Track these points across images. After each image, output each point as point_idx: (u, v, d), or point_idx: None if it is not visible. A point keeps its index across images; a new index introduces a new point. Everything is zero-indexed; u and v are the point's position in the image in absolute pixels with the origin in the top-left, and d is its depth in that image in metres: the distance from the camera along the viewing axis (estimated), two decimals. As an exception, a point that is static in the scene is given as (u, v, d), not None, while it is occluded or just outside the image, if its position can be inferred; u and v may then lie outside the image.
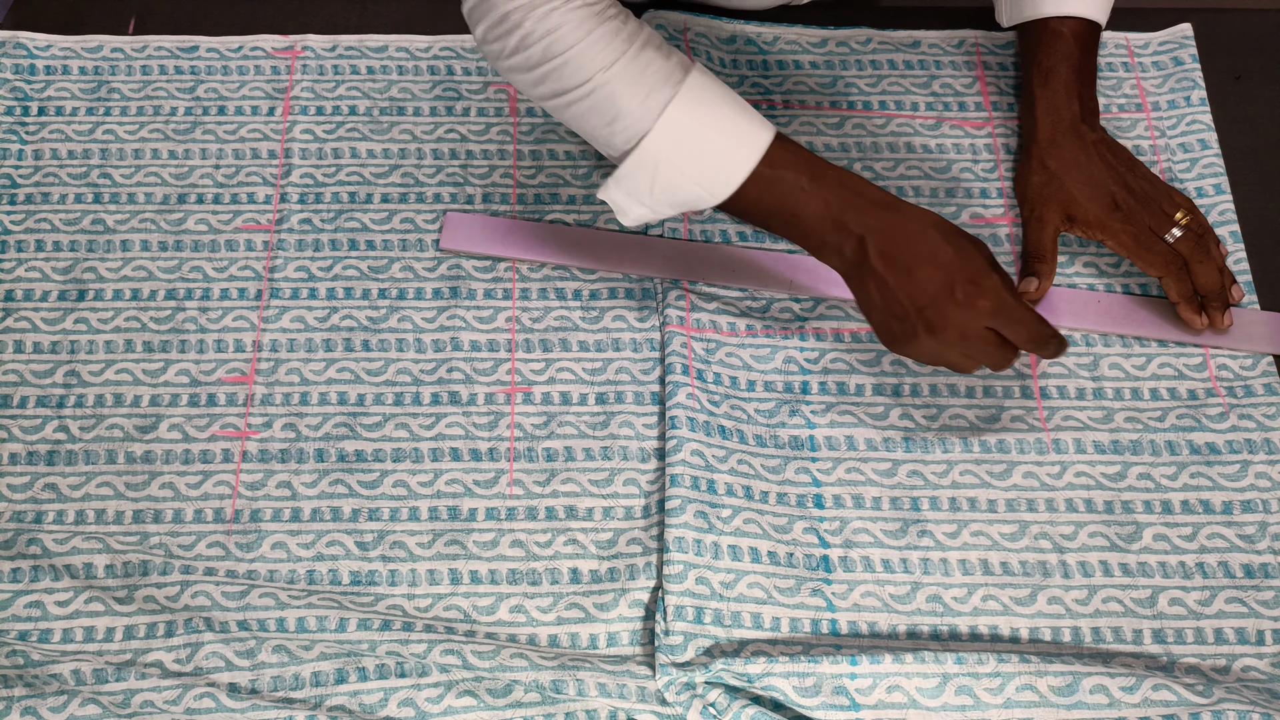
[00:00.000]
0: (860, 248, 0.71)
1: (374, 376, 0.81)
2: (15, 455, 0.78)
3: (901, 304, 0.70)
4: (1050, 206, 0.83)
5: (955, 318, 0.69)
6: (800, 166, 0.71)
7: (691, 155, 0.71)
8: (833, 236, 0.71)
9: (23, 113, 0.91)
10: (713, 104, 0.71)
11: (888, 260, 0.70)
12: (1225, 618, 0.73)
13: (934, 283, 0.69)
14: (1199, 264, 0.80)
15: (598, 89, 0.69)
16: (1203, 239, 0.81)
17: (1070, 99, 0.84)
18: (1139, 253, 0.80)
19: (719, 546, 0.73)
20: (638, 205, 0.73)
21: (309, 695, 0.70)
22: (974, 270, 0.70)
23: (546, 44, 0.69)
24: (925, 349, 0.71)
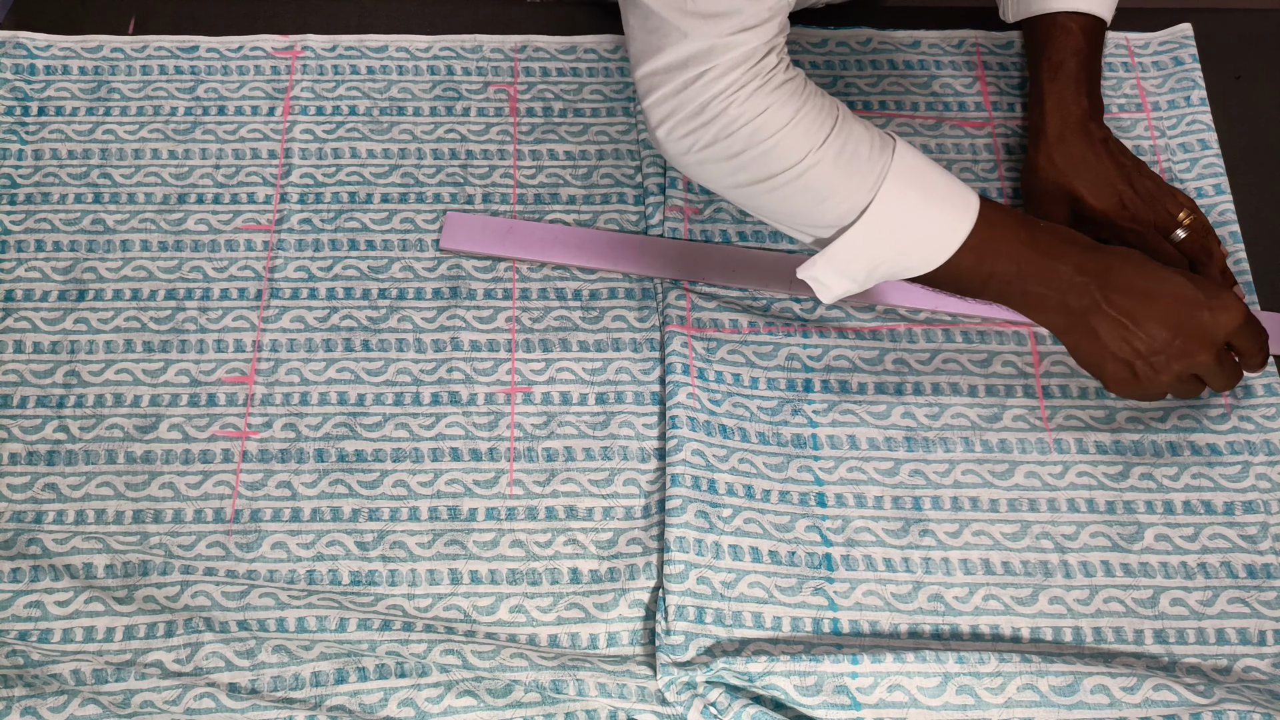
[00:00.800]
0: (1089, 294, 0.70)
1: (374, 376, 0.81)
2: (15, 455, 0.78)
3: (1147, 341, 0.70)
4: (1056, 203, 0.83)
5: (1209, 337, 0.69)
6: (1014, 224, 0.70)
7: (911, 225, 0.68)
8: (1055, 290, 0.70)
9: (23, 113, 0.91)
10: (926, 172, 0.69)
11: (1123, 301, 0.69)
12: (1227, 618, 0.73)
13: (1178, 310, 0.69)
14: (1202, 265, 0.80)
15: (810, 169, 0.66)
16: (1206, 239, 0.81)
17: (1079, 95, 0.84)
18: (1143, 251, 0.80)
19: (720, 546, 0.73)
20: (846, 281, 0.71)
21: (309, 695, 0.69)
22: (1210, 288, 0.70)
23: (752, 129, 0.65)
24: (1171, 381, 0.70)
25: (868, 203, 0.67)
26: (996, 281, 0.71)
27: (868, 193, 0.67)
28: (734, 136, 0.66)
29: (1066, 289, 0.70)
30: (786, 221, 0.70)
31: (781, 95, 0.66)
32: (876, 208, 0.67)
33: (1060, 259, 0.70)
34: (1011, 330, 0.82)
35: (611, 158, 0.90)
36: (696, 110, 0.66)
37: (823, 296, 0.72)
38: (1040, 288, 0.70)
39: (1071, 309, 0.71)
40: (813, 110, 0.66)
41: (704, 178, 0.70)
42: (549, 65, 0.94)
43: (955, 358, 0.81)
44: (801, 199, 0.68)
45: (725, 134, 0.66)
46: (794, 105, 0.66)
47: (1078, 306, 0.70)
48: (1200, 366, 0.70)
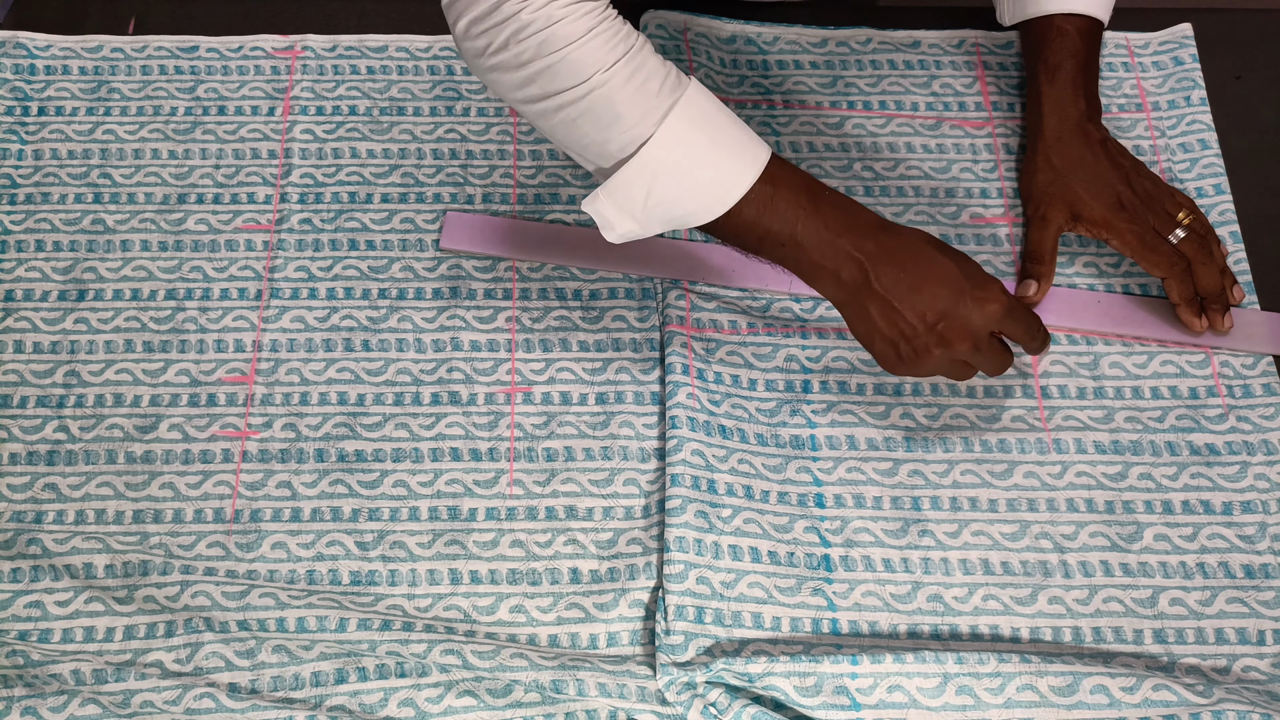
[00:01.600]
0: (860, 271, 0.69)
1: (374, 376, 0.81)
2: (15, 455, 0.78)
3: (910, 323, 0.69)
4: (1055, 205, 0.83)
5: (969, 326, 0.69)
6: (799, 186, 0.69)
7: (692, 167, 0.67)
8: (830, 261, 0.69)
9: (23, 113, 0.91)
10: (715, 116, 0.68)
11: (891, 281, 0.69)
12: (1226, 618, 0.73)
13: (942, 297, 0.69)
14: (1201, 265, 0.80)
15: (595, 90, 0.65)
16: (1205, 240, 0.81)
17: (1076, 97, 0.84)
18: (1143, 253, 0.80)
19: (719, 546, 0.73)
20: (628, 219, 0.69)
21: (309, 695, 0.70)
22: (977, 278, 0.70)
23: (542, 39, 0.64)
24: (934, 364, 0.70)
25: (649, 135, 0.66)
26: (773, 243, 0.70)
27: (651, 125, 0.66)
28: (524, 43, 0.64)
29: (842, 262, 0.69)
30: (575, 149, 0.69)
31: (577, 10, 0.64)
32: (658, 141, 0.66)
33: (839, 231, 0.69)
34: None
35: (611, 158, 0.90)
36: (488, 10, 0.64)
37: (607, 235, 0.70)
38: (816, 257, 0.69)
39: (844, 283, 0.70)
40: (608, 32, 0.65)
41: (498, 87, 0.68)
42: (549, 65, 0.94)
43: (955, 358, 0.81)
44: (586, 123, 0.66)
45: (516, 39, 0.64)
46: (589, 22, 0.64)
47: (850, 281, 0.69)
48: (961, 354, 0.70)
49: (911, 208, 0.88)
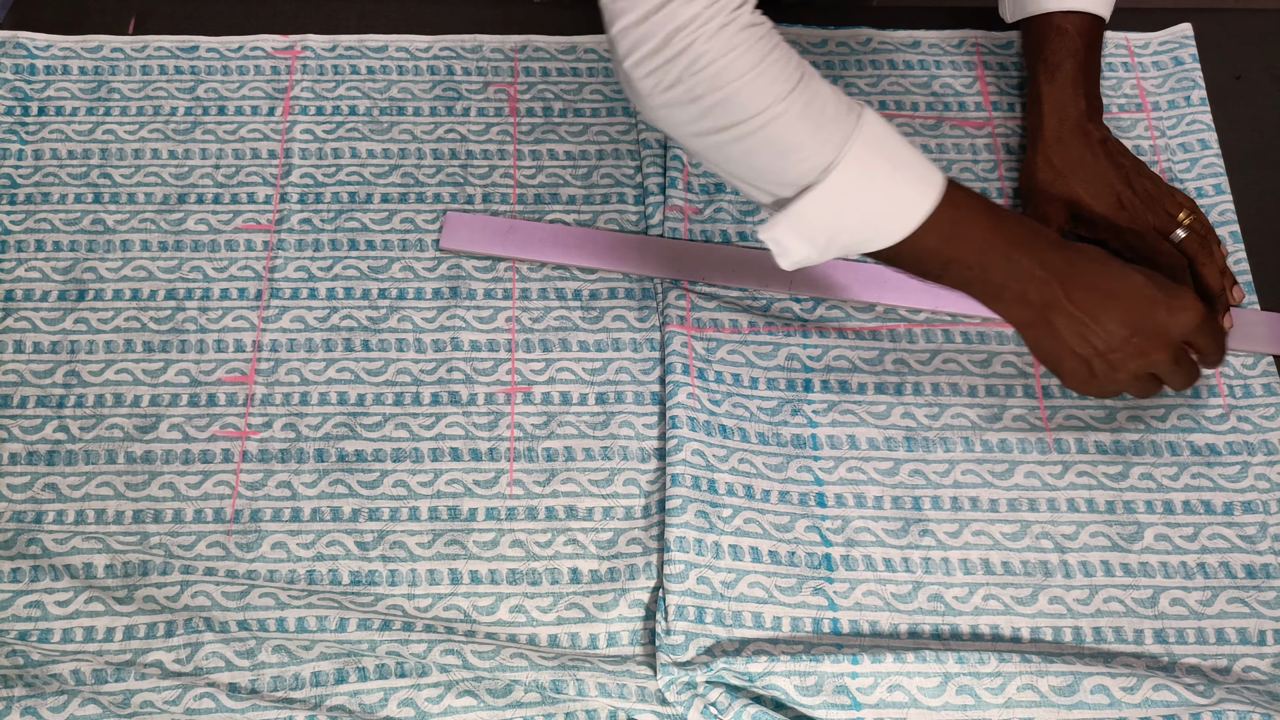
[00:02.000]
0: (1049, 289, 0.68)
1: (374, 376, 0.81)
2: (15, 455, 0.78)
3: (1104, 338, 0.68)
4: (1055, 204, 0.83)
5: (1166, 336, 0.69)
6: (979, 208, 0.69)
7: (875, 192, 0.66)
8: (1016, 281, 0.69)
9: (23, 113, 0.91)
10: (893, 141, 0.67)
11: (1083, 296, 0.68)
12: (1226, 618, 0.73)
13: (1137, 309, 0.68)
14: (1202, 265, 0.80)
15: (773, 120, 0.64)
16: (1206, 240, 0.81)
17: (1077, 96, 0.84)
18: (1143, 253, 0.80)
19: (720, 546, 0.73)
20: (806, 246, 0.68)
21: (309, 695, 0.70)
22: (1168, 287, 0.69)
23: (715, 72, 0.63)
24: (1127, 378, 0.70)
25: (833, 161, 0.65)
26: (957, 266, 0.69)
27: (834, 150, 0.65)
28: (698, 76, 0.63)
29: (1028, 281, 0.69)
30: (749, 178, 0.68)
31: (748, 38, 0.63)
32: (843, 167, 0.65)
33: (1024, 251, 0.69)
34: (1011, 330, 0.82)
35: (611, 158, 0.90)
36: (662, 43, 0.63)
37: (781, 262, 0.70)
38: (1001, 278, 0.69)
39: (1032, 302, 0.69)
40: (780, 59, 0.64)
41: (668, 123, 0.67)
42: (549, 65, 0.94)
43: (955, 358, 0.81)
44: (765, 153, 0.66)
45: (690, 73, 0.63)
46: (761, 50, 0.64)
47: (1038, 300, 0.69)
48: (1157, 365, 0.70)
49: (912, 208, 0.87)
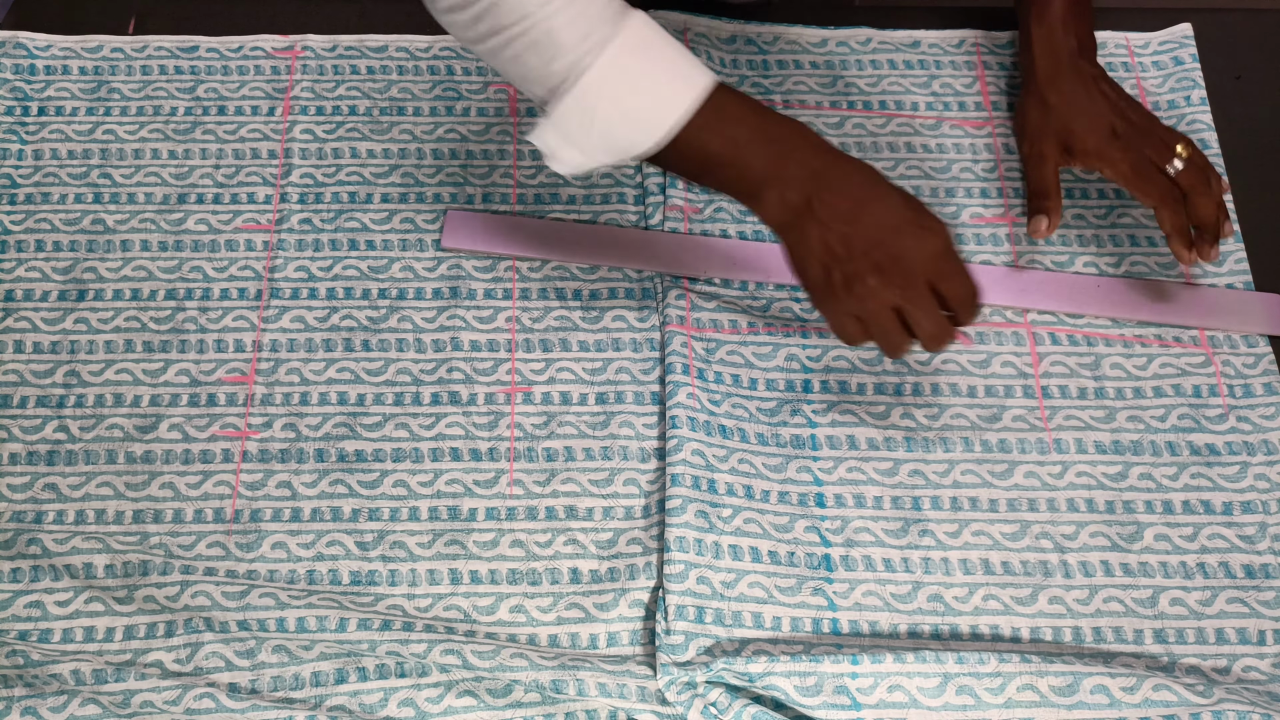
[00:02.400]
0: (804, 192, 0.68)
1: (374, 376, 0.81)
2: (15, 455, 0.78)
3: (845, 244, 0.68)
4: (1049, 141, 0.83)
5: (906, 258, 0.68)
6: (745, 108, 0.69)
7: (632, 92, 0.68)
8: (775, 181, 0.69)
9: (23, 113, 0.91)
10: (657, 45, 0.68)
11: (834, 205, 0.68)
12: (1226, 618, 0.73)
13: (884, 224, 0.68)
14: (1200, 196, 0.79)
15: (538, 24, 0.66)
16: (1204, 172, 0.80)
17: (1067, 35, 0.84)
18: (1137, 182, 0.79)
19: (720, 546, 0.73)
20: (572, 149, 0.70)
21: (309, 695, 0.70)
22: (921, 212, 0.69)
23: None
24: (866, 296, 0.68)
25: (591, 62, 0.67)
26: (717, 165, 0.70)
27: (593, 55, 0.67)
28: None
29: (785, 183, 0.69)
30: (521, 82, 0.70)
31: None
32: (599, 67, 0.67)
33: (784, 151, 0.69)
34: (1011, 331, 0.83)
35: (611, 158, 0.90)
36: None
37: (553, 165, 0.71)
38: (759, 176, 0.69)
39: (788, 203, 0.69)
40: None
41: (452, 30, 0.71)
42: (549, 65, 0.94)
43: (954, 358, 0.81)
44: (531, 57, 0.68)
45: None
46: None
47: (793, 202, 0.69)
48: (902, 299, 0.68)
49: (912, 208, 0.88)
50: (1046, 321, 0.83)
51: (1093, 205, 0.88)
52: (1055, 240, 0.86)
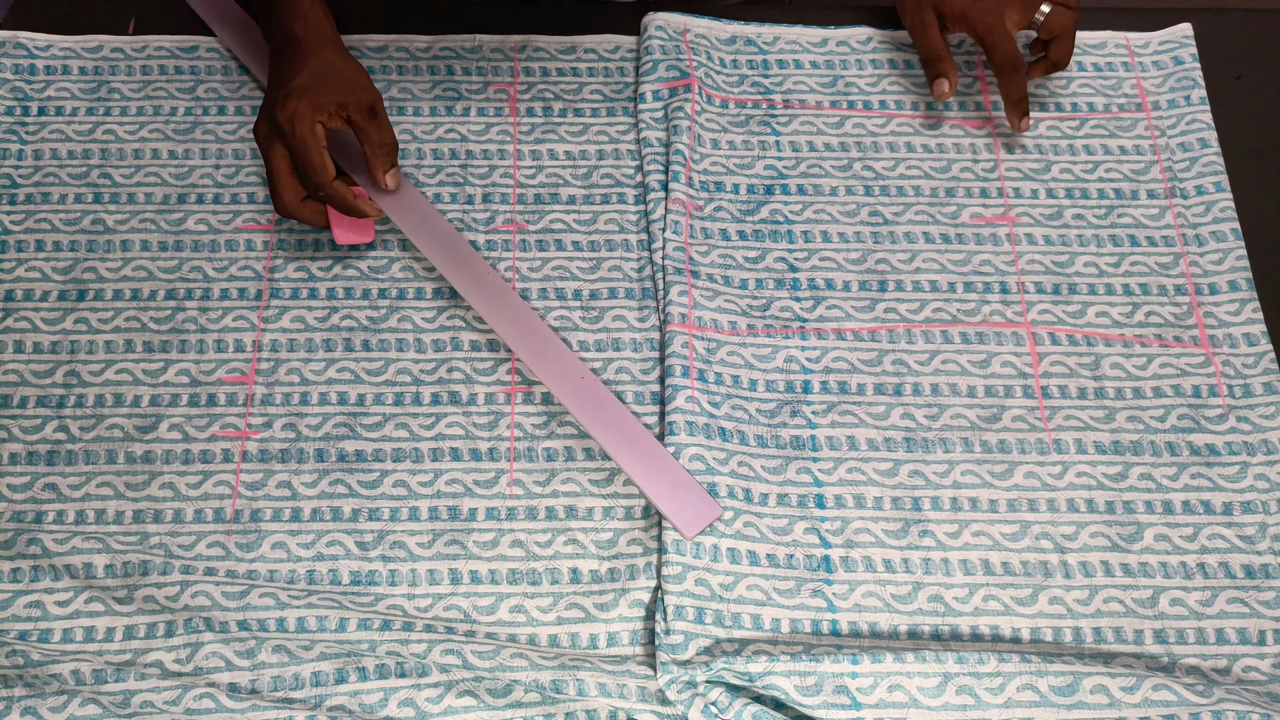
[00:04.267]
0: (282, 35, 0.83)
1: (374, 376, 0.81)
2: (15, 455, 0.78)
3: (279, 81, 0.81)
4: (925, 8, 0.90)
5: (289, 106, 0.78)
6: None
7: None
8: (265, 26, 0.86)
9: (23, 113, 0.91)
10: None
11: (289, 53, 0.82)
12: (1226, 618, 0.73)
13: (292, 71, 0.80)
14: (1062, 40, 0.87)
15: None
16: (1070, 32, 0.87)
17: None
18: (989, 42, 0.86)
19: (718, 549, 0.73)
20: None
21: (309, 695, 0.70)
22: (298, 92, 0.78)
23: None
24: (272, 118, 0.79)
25: None
26: None
27: None
28: None
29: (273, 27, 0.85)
30: None
31: None
32: None
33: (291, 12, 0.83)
34: (1010, 331, 0.83)
35: (611, 158, 0.90)
36: None
37: None
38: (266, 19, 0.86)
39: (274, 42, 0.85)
40: None
41: None
42: (549, 65, 0.94)
43: (954, 358, 0.82)
44: None
45: None
46: None
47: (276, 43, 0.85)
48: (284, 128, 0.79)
49: (911, 207, 0.88)
50: (1046, 321, 0.83)
51: (1092, 205, 0.88)
52: (1055, 240, 0.86)
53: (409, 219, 0.84)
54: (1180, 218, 0.87)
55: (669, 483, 0.75)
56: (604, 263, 0.86)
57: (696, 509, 0.74)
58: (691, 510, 0.74)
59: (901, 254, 0.86)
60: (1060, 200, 0.88)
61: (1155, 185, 0.88)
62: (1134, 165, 0.89)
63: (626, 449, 0.76)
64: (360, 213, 0.81)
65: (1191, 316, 0.83)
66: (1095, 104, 0.92)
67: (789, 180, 0.89)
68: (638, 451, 0.76)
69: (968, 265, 0.85)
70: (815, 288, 0.84)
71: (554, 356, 0.79)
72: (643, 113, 0.90)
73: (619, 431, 0.77)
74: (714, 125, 0.90)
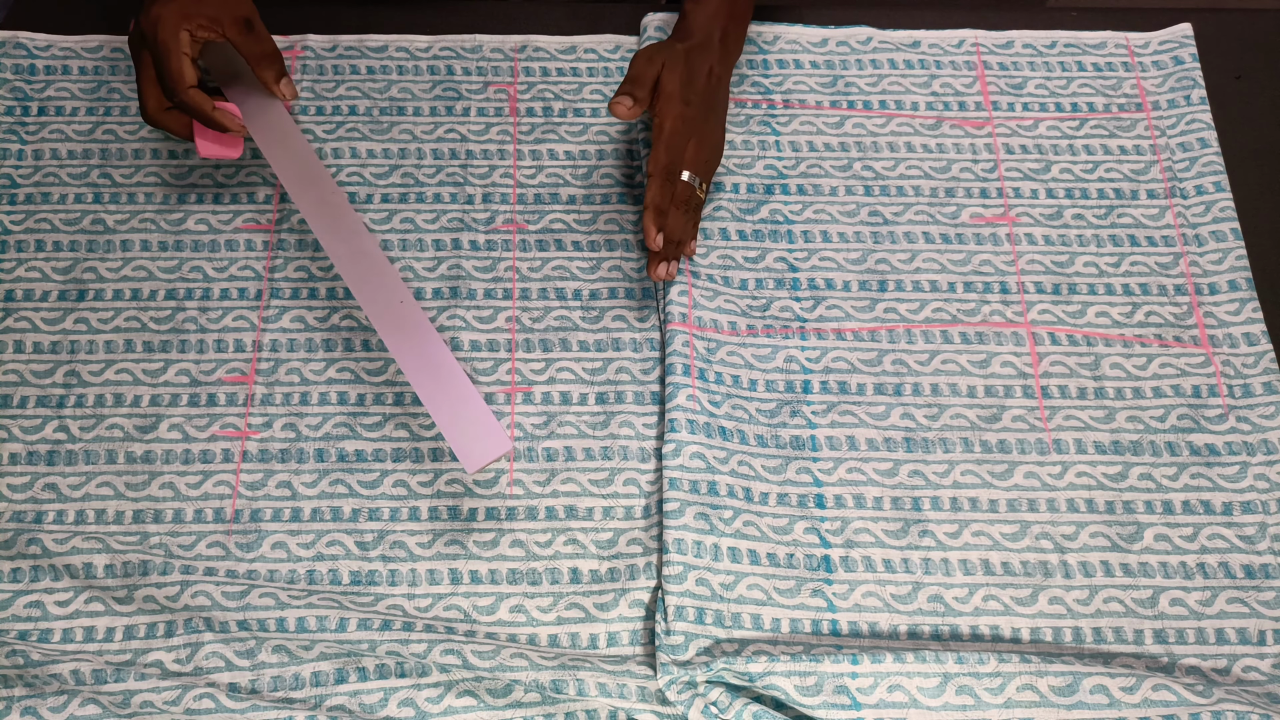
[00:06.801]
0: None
1: (374, 376, 0.81)
2: (15, 455, 0.78)
3: None
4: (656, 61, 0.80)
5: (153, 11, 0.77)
6: None
7: None
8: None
9: (23, 113, 0.91)
10: None
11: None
12: (1226, 618, 0.73)
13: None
14: (678, 210, 0.79)
15: None
16: (693, 209, 0.80)
17: (714, 21, 0.84)
18: (662, 143, 0.78)
19: (719, 548, 0.73)
20: None
21: (309, 695, 0.70)
22: None
23: None
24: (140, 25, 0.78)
25: None
26: None
27: None
28: None
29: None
30: None
31: None
32: None
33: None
34: (1010, 331, 0.83)
35: (611, 158, 0.90)
36: None
37: None
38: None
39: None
40: None
41: None
42: (549, 65, 0.94)
43: (954, 358, 0.82)
44: None
45: None
46: None
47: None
48: None
49: (911, 207, 0.88)
50: (1046, 321, 0.83)
51: (1092, 205, 0.88)
52: (1055, 240, 0.86)
53: (268, 137, 0.82)
54: (1180, 218, 0.87)
55: (462, 415, 0.70)
56: (604, 263, 0.86)
57: (483, 442, 0.69)
58: (477, 444, 0.69)
59: (901, 254, 0.86)
60: (1060, 200, 0.88)
61: (1155, 185, 0.88)
62: (1134, 165, 0.89)
63: (427, 377, 0.72)
64: (217, 125, 0.79)
65: (1191, 316, 0.83)
66: (1095, 104, 0.92)
67: (789, 180, 0.89)
68: (439, 381, 0.72)
69: (968, 265, 0.85)
70: (815, 288, 0.84)
71: (377, 280, 0.75)
72: (643, 113, 0.90)
73: (424, 359, 0.72)
74: (714, 125, 0.90)
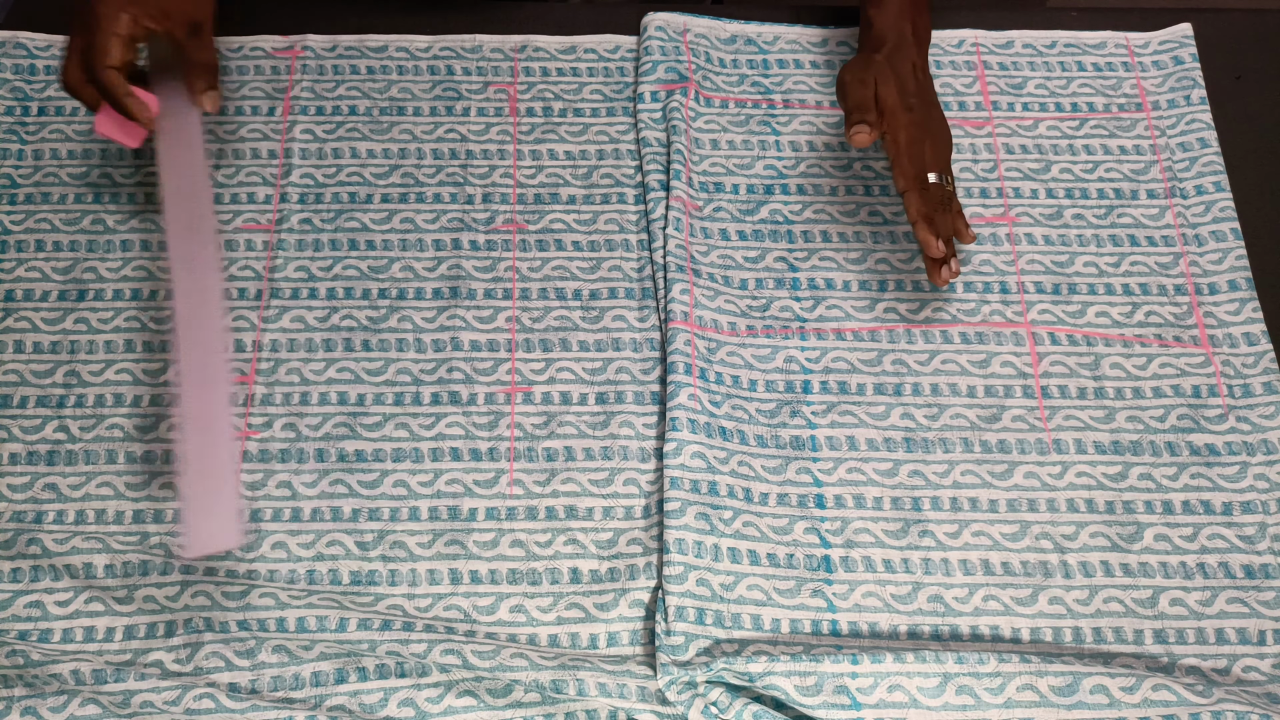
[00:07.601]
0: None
1: (374, 376, 0.81)
2: (15, 455, 0.78)
3: None
4: (868, 81, 0.80)
5: None
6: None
7: None
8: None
9: (23, 113, 0.91)
10: None
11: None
12: (1226, 618, 0.73)
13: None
14: (939, 213, 0.78)
15: None
16: (950, 200, 0.79)
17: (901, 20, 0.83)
18: (903, 155, 0.78)
19: (719, 549, 0.73)
20: None
21: (309, 695, 0.70)
22: None
23: None
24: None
25: None
26: None
27: None
28: None
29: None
30: None
31: None
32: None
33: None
34: (1010, 331, 0.83)
35: (611, 158, 0.90)
36: None
37: None
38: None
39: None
40: None
41: None
42: (549, 65, 0.94)
43: (954, 358, 0.82)
44: None
45: None
46: None
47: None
48: None
49: (911, 208, 0.88)
50: (1046, 321, 0.83)
51: (1092, 205, 0.88)
52: (1055, 240, 0.86)
53: (170, 140, 0.80)
54: (1180, 217, 0.87)
55: (213, 489, 0.69)
56: (604, 263, 0.86)
57: (216, 527, 0.68)
58: (211, 526, 0.68)
59: (901, 254, 0.86)
60: (1060, 200, 0.88)
61: (1155, 185, 0.88)
62: (1134, 165, 0.89)
63: (200, 441, 0.70)
64: (126, 111, 0.78)
65: (1191, 316, 0.83)
66: (1095, 104, 0.92)
67: (789, 180, 0.89)
68: (212, 450, 0.70)
69: (968, 265, 0.85)
70: (815, 288, 0.84)
71: (203, 324, 0.74)
72: (642, 113, 0.90)
73: (206, 426, 0.70)
74: (714, 125, 0.90)
